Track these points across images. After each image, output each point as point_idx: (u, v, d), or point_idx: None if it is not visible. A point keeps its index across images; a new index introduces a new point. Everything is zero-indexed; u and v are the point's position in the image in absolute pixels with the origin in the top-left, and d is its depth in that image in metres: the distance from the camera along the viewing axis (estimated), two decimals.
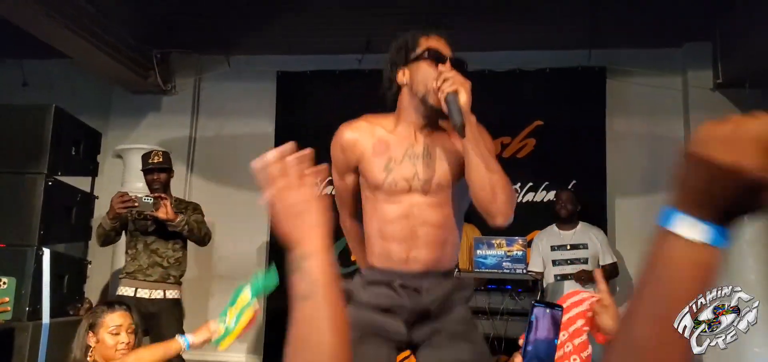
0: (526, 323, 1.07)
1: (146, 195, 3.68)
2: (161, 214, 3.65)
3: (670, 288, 0.63)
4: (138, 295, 3.68)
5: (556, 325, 1.06)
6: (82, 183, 3.68)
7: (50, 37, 4.36)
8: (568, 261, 4.29)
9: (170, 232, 3.79)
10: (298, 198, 0.87)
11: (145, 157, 3.92)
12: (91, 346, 2.24)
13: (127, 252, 3.86)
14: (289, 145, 0.90)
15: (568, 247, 4.33)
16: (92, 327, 2.26)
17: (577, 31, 4.94)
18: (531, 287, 4.13)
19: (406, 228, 1.81)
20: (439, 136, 1.87)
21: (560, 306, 1.09)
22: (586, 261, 4.28)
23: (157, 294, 3.75)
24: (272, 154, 0.89)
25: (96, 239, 3.75)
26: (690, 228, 0.62)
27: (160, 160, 3.88)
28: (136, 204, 3.60)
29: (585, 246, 4.32)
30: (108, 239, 3.79)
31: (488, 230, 4.36)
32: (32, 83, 5.64)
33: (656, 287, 0.64)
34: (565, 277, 4.27)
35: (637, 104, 5.16)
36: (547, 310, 1.06)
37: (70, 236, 3.56)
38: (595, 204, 4.83)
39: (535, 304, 1.06)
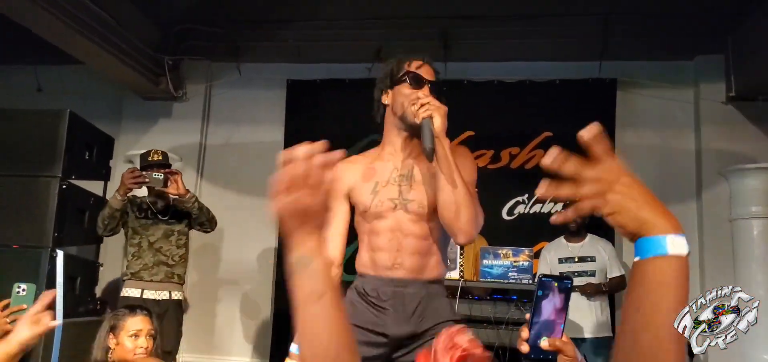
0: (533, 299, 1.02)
1: (157, 171, 3.68)
2: (172, 190, 3.67)
3: (669, 299, 0.72)
4: (144, 296, 3.64)
5: (566, 300, 1.03)
6: (94, 187, 3.73)
7: (64, 42, 4.42)
8: (576, 274, 4.28)
9: (174, 229, 3.77)
10: (315, 202, 0.85)
11: (145, 156, 3.92)
12: (111, 348, 2.27)
13: (128, 250, 3.79)
14: (320, 145, 0.86)
15: (576, 260, 4.32)
16: (113, 329, 2.29)
17: (588, 43, 4.94)
18: None
19: (392, 240, 1.96)
20: (422, 158, 1.96)
21: (570, 279, 1.05)
22: (593, 274, 4.27)
23: (163, 295, 3.73)
24: (301, 151, 0.84)
25: (100, 222, 3.63)
26: (679, 246, 0.74)
27: (160, 157, 3.89)
28: (147, 179, 3.61)
29: (592, 259, 4.30)
30: (113, 220, 3.65)
31: (495, 240, 4.38)
32: (46, 89, 5.71)
33: (655, 299, 0.73)
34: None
35: (647, 117, 5.14)
36: (556, 284, 1.02)
37: (83, 239, 3.62)
38: (603, 217, 4.82)
39: (544, 278, 1.02)
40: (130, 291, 3.71)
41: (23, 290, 2.74)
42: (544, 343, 1.03)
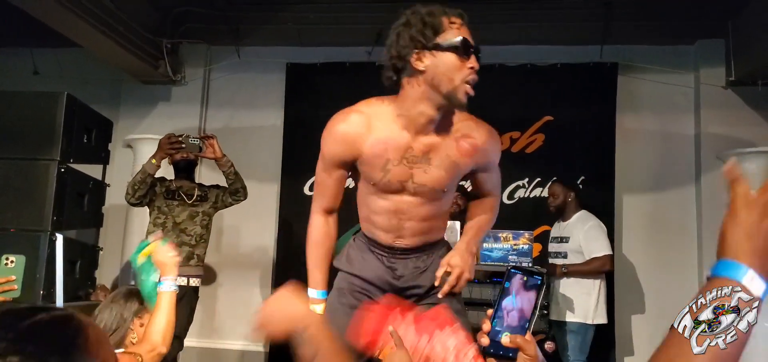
0: (499, 290, 0.97)
1: (193, 136, 3.74)
2: (209, 154, 3.74)
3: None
4: None
5: (536, 296, 0.97)
6: (93, 171, 3.71)
7: (61, 25, 4.38)
8: (553, 254, 4.19)
9: (198, 210, 3.78)
10: None
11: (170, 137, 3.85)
12: (134, 331, 2.18)
13: (150, 232, 3.69)
14: None
15: (559, 239, 4.19)
16: (138, 313, 2.19)
17: (589, 27, 4.92)
18: None
19: (392, 221, 1.88)
20: (442, 139, 1.81)
21: (540, 275, 0.99)
22: (566, 256, 4.08)
23: (181, 281, 3.57)
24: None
25: (130, 188, 3.64)
26: (757, 285, 0.71)
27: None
28: (183, 144, 3.67)
29: (566, 240, 4.11)
30: (144, 186, 3.62)
31: (495, 223, 4.36)
32: (43, 72, 5.68)
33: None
34: None
35: (648, 101, 5.14)
36: (525, 278, 0.97)
37: (82, 222, 3.59)
38: (602, 201, 4.81)
39: (512, 269, 0.97)
40: None
41: (11, 261, 2.73)
42: (504, 339, 0.96)
